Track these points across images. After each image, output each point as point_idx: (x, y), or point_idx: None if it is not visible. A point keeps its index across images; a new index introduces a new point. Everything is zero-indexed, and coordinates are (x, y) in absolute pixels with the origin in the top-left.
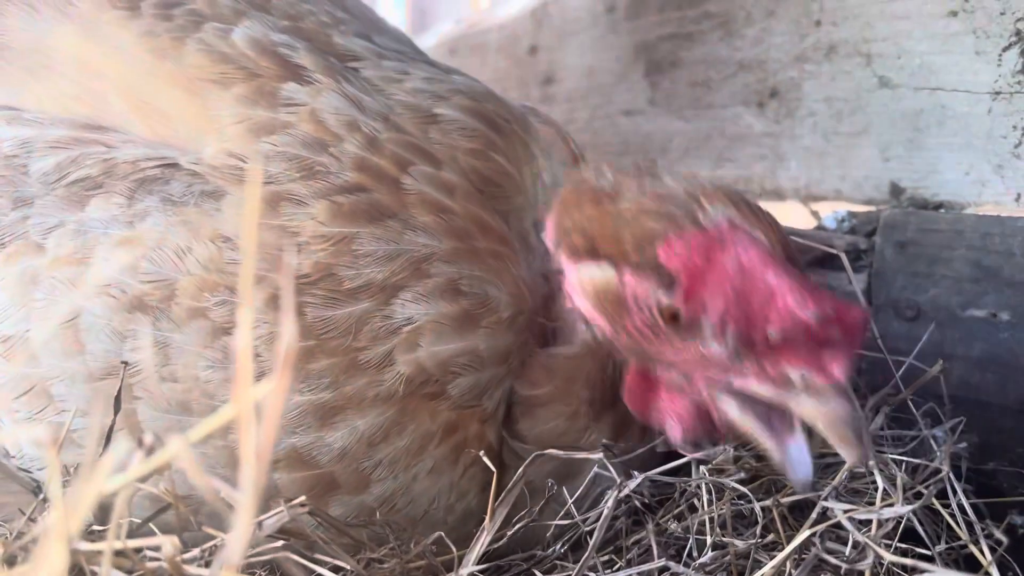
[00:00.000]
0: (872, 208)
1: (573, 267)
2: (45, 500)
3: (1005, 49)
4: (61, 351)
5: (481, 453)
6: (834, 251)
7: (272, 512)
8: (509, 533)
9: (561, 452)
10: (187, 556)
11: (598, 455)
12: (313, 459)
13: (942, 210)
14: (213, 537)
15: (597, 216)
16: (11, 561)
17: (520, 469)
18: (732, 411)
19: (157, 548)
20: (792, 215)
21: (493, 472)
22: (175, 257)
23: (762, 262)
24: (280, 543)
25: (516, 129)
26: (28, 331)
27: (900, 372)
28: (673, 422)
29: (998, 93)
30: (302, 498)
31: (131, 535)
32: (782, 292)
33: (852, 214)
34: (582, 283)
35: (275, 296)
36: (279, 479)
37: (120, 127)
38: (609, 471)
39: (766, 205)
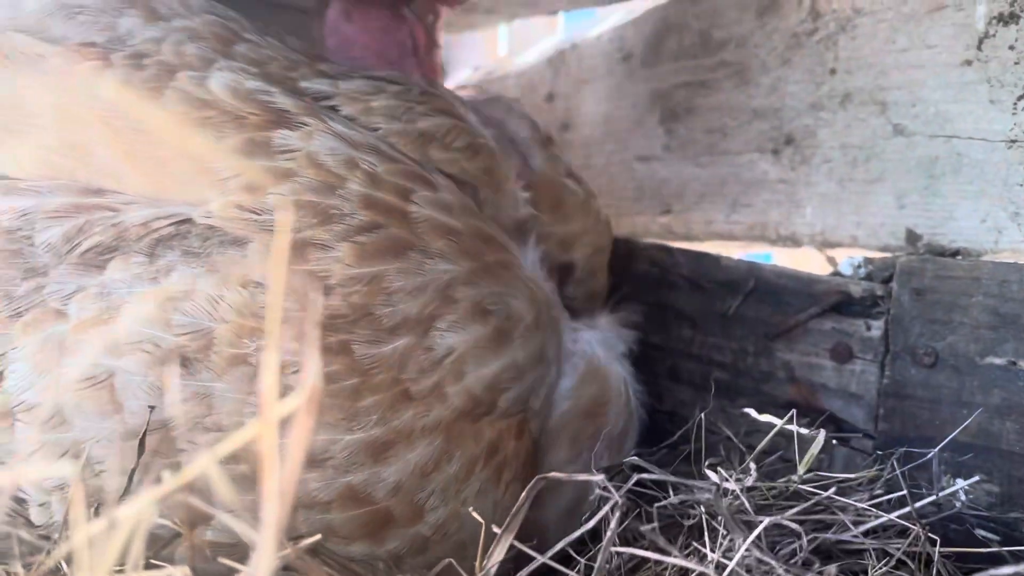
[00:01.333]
0: (888, 255)
1: None
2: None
3: (1020, 98)
4: (96, 412)
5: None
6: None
7: (281, 552)
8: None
9: (563, 476)
10: None
11: (599, 476)
12: (369, 496)
13: (959, 257)
14: (230, 569)
15: None
16: None
17: (523, 493)
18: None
19: None
20: (808, 261)
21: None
22: (208, 306)
23: None
24: None
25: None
26: (57, 397)
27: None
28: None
29: (1013, 141)
30: (315, 538)
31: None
32: None
33: (868, 260)
34: None
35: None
36: (333, 519)
37: (112, 177)
38: (611, 493)
39: (782, 251)
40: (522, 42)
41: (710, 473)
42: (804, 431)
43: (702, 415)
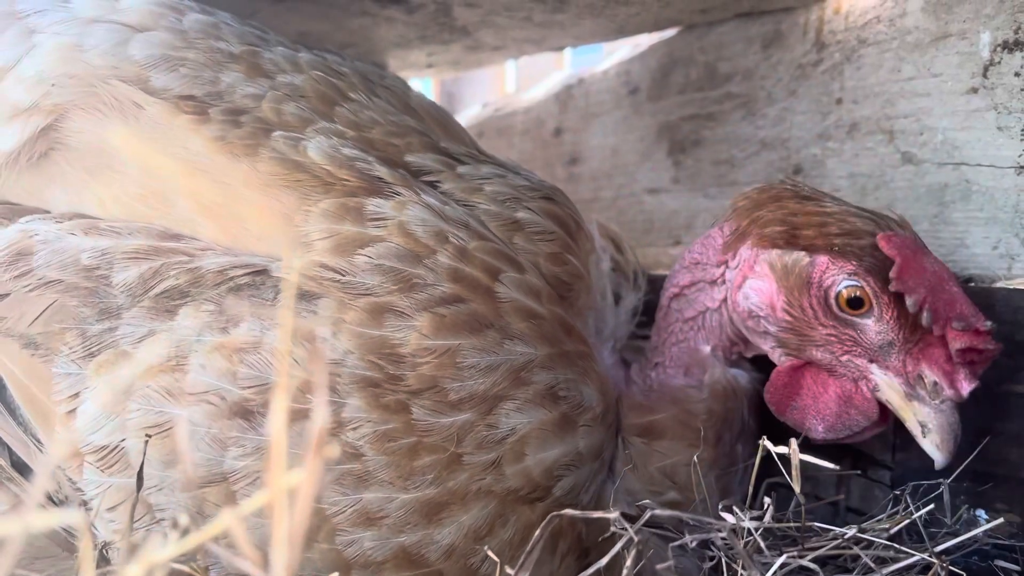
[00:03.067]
0: None
1: (763, 253)
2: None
3: None
4: (160, 460)
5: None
6: None
7: None
8: None
9: (578, 513)
10: None
11: (614, 514)
12: (422, 557)
13: (972, 284)
14: None
15: (802, 211)
16: None
17: (538, 531)
18: (884, 381)
19: None
20: None
21: (585, 559)
22: (274, 360)
23: (948, 274)
24: None
25: (582, 226)
26: (124, 440)
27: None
28: (814, 417)
29: (1022, 167)
30: None
31: None
32: (962, 300)
33: None
34: (771, 265)
35: (377, 395)
36: None
37: (187, 229)
38: (627, 530)
39: None
40: (529, 78)
41: (726, 515)
42: (825, 463)
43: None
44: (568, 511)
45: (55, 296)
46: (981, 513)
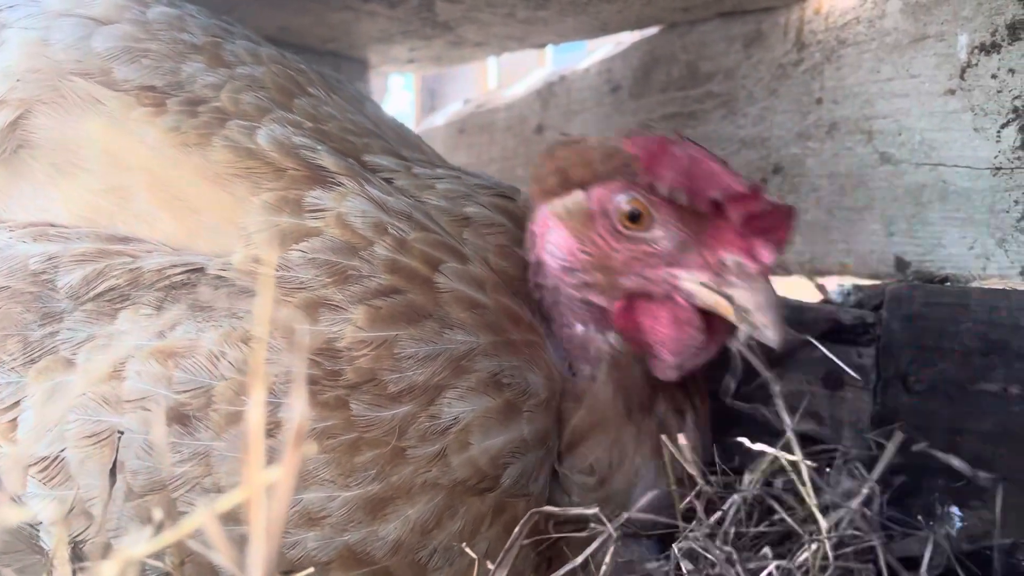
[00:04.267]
0: (878, 282)
1: (548, 205)
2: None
3: (1003, 126)
4: (98, 471)
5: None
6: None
7: None
8: None
9: (556, 510)
10: None
11: (593, 510)
12: (368, 555)
13: (948, 284)
14: None
15: (568, 154)
16: None
17: (517, 528)
18: (693, 287)
19: None
20: (798, 289)
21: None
22: (208, 364)
23: (710, 158)
24: None
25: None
26: (63, 451)
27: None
28: (661, 346)
29: (999, 168)
30: (307, 571)
31: None
32: (723, 173)
33: (858, 288)
34: (557, 213)
35: (315, 393)
36: None
37: (148, 222)
38: (606, 525)
39: (772, 280)
40: (511, 75)
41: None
42: (803, 461)
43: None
44: (548, 508)
45: (0, 303)
46: (955, 510)
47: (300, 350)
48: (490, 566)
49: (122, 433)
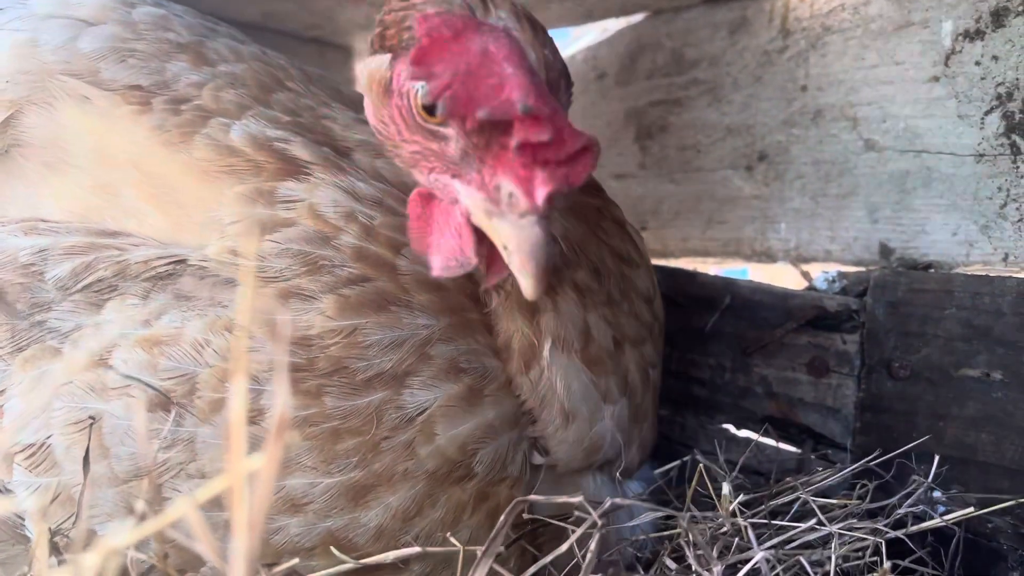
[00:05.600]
0: (862, 269)
1: (364, 62)
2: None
3: (987, 113)
4: (84, 457)
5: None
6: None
7: None
8: None
9: (541, 498)
10: None
11: (577, 499)
12: (350, 541)
13: (931, 270)
14: None
15: (394, 7)
16: None
17: (503, 515)
18: (471, 204)
19: None
20: (783, 276)
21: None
22: (193, 351)
23: (509, 57)
24: None
25: None
26: (49, 438)
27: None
28: (434, 251)
29: (982, 155)
30: (292, 562)
31: None
32: (512, 84)
33: (843, 275)
34: (365, 73)
35: (297, 381)
36: (317, 566)
37: (136, 218)
38: (589, 513)
39: (758, 267)
40: None
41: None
42: (784, 446)
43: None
44: (533, 497)
45: None
46: (938, 494)
47: (281, 339)
48: (453, 540)
49: (94, 420)
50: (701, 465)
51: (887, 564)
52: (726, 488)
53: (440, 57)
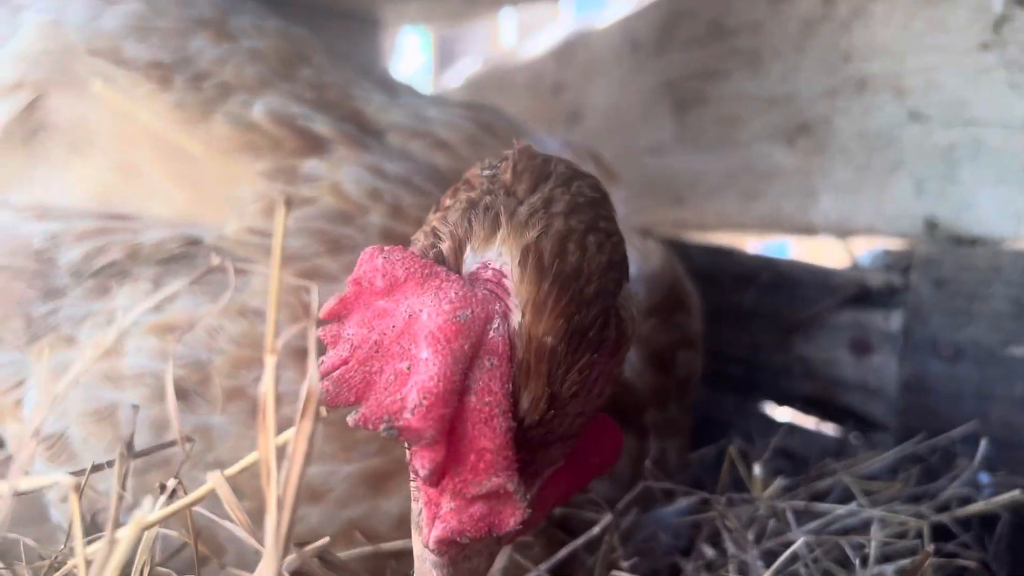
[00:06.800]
0: (906, 242)
1: None
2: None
3: None
4: (102, 448)
5: None
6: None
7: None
8: None
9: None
10: None
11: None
12: (372, 529)
13: (979, 246)
14: None
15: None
16: None
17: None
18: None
19: None
20: (825, 251)
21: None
22: (207, 337)
23: (437, 333)
24: None
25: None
26: (67, 428)
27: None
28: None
29: None
30: (323, 541)
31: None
32: (417, 377)
33: (887, 251)
34: None
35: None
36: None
37: (158, 197)
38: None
39: (798, 240)
40: (527, 33)
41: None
42: (824, 428)
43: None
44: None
45: (3, 282)
46: (984, 477)
47: (311, 318)
48: None
49: (137, 407)
50: (735, 449)
51: (930, 547)
52: (757, 470)
53: (357, 317)
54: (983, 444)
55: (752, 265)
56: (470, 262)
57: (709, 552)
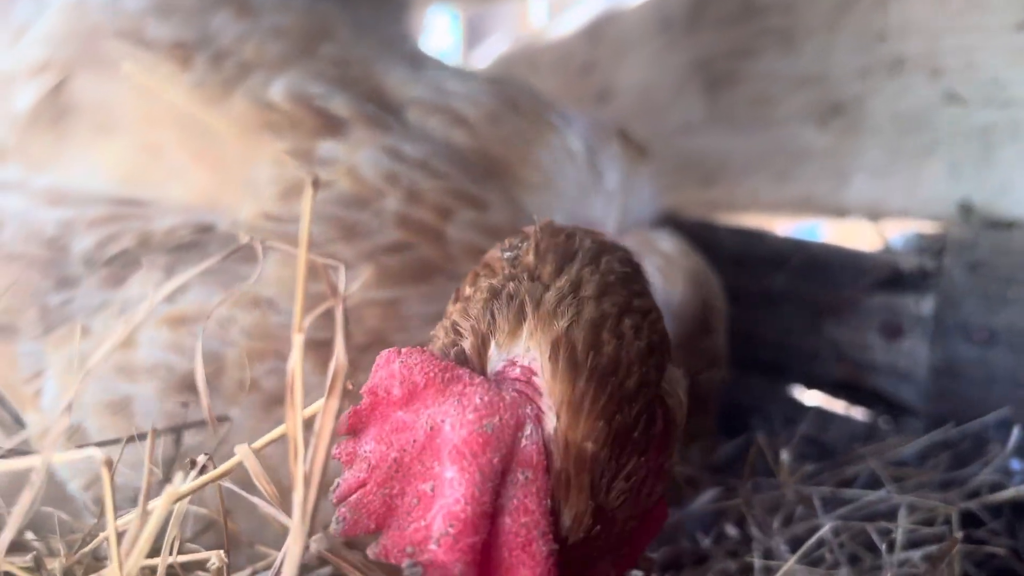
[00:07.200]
0: (940, 226)
1: None
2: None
3: None
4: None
5: None
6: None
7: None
8: None
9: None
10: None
11: None
12: None
13: (1016, 229)
14: (262, 555)
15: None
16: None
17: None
18: None
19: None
20: (857, 234)
21: None
22: (219, 329)
23: (463, 447)
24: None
25: (540, 114)
26: (84, 420)
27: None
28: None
29: None
30: None
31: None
32: (442, 500)
33: (920, 234)
34: None
35: (325, 360)
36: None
37: (180, 177)
38: None
39: (830, 223)
40: (557, 11)
41: None
42: (853, 414)
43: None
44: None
45: (18, 271)
46: (1015, 463)
47: (338, 297)
48: None
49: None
50: (762, 437)
51: (958, 533)
52: (784, 455)
53: (375, 432)
54: (1016, 430)
55: (783, 247)
56: (495, 360)
57: (734, 535)
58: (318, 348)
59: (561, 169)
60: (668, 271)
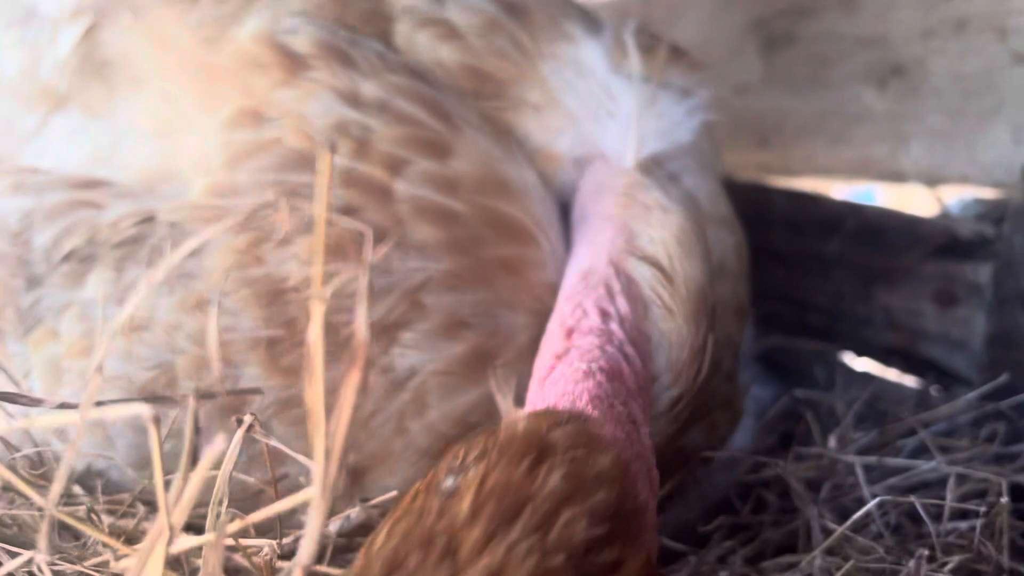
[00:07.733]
0: (1000, 192)
1: None
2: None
3: None
4: (95, 446)
5: None
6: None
7: (344, 512)
8: None
9: None
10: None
11: None
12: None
13: None
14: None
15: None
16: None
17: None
18: None
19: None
20: (914, 199)
21: None
22: (165, 336)
23: None
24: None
25: (529, 11)
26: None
27: None
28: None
29: None
30: (391, 494)
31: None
32: None
33: (979, 200)
34: None
35: (275, 356)
36: None
37: (195, 128)
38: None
39: (886, 187)
40: None
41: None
42: (904, 382)
43: None
44: None
45: None
46: None
47: (364, 266)
48: None
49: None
50: (807, 403)
51: (1004, 499)
52: (835, 423)
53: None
54: None
55: (837, 211)
56: None
57: (775, 503)
58: (269, 346)
59: (570, 86)
60: (678, 338)
